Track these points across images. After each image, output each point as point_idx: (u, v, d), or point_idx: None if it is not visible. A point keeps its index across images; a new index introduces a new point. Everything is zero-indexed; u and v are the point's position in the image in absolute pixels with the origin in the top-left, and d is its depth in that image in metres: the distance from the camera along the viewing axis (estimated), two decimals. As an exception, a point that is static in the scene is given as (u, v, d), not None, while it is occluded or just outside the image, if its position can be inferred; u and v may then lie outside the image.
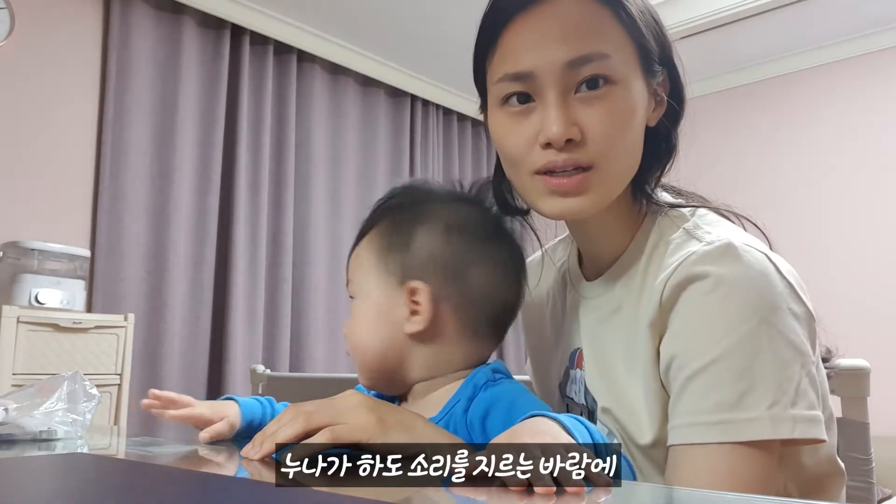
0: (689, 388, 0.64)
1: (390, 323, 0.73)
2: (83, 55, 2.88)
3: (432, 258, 0.73)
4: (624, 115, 0.70)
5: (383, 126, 3.97)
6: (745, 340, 0.63)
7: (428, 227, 0.74)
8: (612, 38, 0.70)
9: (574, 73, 0.68)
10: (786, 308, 0.65)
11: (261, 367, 2.20)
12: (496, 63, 0.73)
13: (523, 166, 0.72)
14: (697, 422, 0.63)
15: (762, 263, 0.66)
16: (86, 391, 0.84)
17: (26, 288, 2.41)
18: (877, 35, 3.54)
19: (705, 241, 0.68)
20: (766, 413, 0.61)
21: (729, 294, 0.64)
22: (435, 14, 3.40)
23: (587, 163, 0.69)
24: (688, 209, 0.76)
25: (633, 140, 0.73)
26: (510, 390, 0.69)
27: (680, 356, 0.66)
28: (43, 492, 0.51)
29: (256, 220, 3.29)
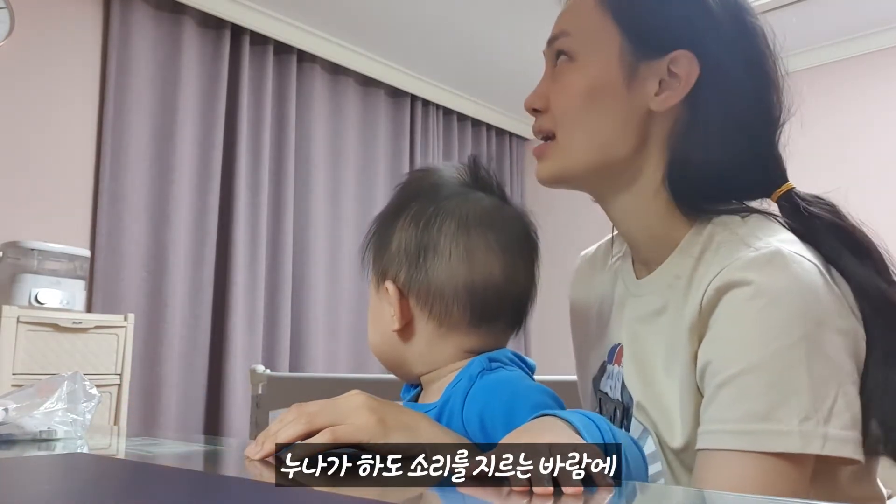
0: (720, 395, 0.63)
1: (383, 323, 0.75)
2: (83, 55, 2.88)
3: (399, 254, 0.74)
4: (579, 88, 0.74)
5: (383, 126, 3.97)
6: (783, 353, 0.62)
7: (400, 224, 0.75)
8: (582, 18, 0.76)
9: (552, 49, 0.78)
10: (831, 323, 0.63)
11: (261, 367, 2.19)
12: None
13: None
14: (726, 429, 0.62)
15: (811, 275, 0.64)
16: (86, 391, 0.84)
17: (26, 288, 2.41)
18: (877, 35, 3.54)
19: (753, 248, 0.66)
20: (797, 427, 0.60)
21: (770, 304, 0.63)
22: (435, 14, 3.40)
23: (548, 130, 0.77)
24: (741, 214, 0.73)
25: (594, 117, 0.74)
26: (508, 384, 0.67)
27: (714, 362, 0.65)
28: (43, 492, 0.51)
29: (256, 220, 3.28)
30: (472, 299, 0.71)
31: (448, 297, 0.71)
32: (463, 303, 0.71)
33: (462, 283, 0.70)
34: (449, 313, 0.71)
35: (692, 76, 0.72)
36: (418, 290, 0.72)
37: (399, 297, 0.72)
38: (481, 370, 0.68)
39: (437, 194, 0.75)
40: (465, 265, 0.71)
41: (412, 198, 0.76)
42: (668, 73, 0.72)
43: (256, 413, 2.15)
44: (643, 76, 0.73)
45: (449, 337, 0.72)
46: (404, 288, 0.72)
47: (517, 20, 3.41)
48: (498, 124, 4.65)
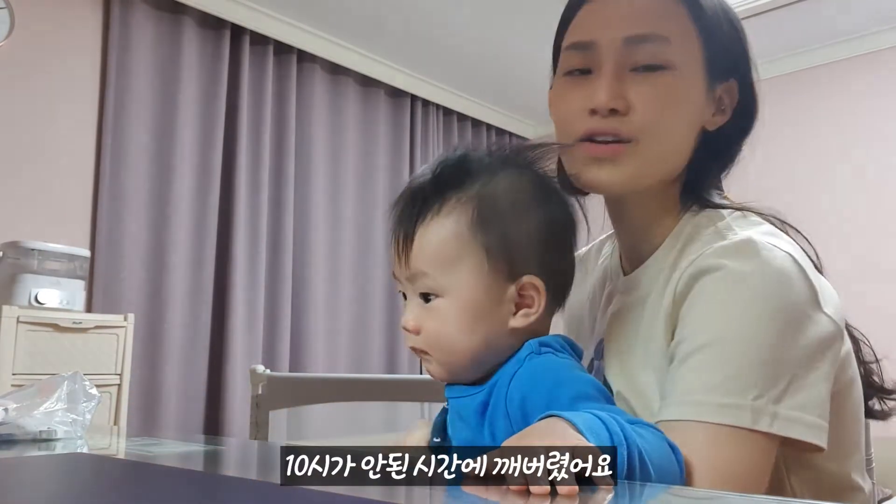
0: (680, 370, 0.65)
1: (491, 320, 0.67)
2: (83, 55, 2.88)
3: (533, 247, 0.67)
4: (672, 100, 0.72)
5: (383, 126, 3.97)
6: (744, 329, 0.63)
7: (517, 211, 0.67)
8: (676, 27, 0.73)
9: (632, 49, 0.72)
10: (801, 310, 0.64)
11: (261, 367, 2.19)
12: (568, 34, 0.78)
13: (570, 132, 0.74)
14: (681, 400, 0.63)
15: (782, 262, 0.65)
16: (85, 391, 0.84)
17: (26, 288, 2.41)
18: (877, 35, 3.54)
19: (728, 238, 0.68)
20: (748, 403, 0.61)
21: (736, 285, 0.64)
22: (435, 14, 3.40)
23: (627, 135, 0.72)
24: (727, 211, 0.75)
25: (679, 129, 0.74)
26: (553, 370, 0.64)
27: (681, 343, 0.66)
28: (43, 492, 0.51)
29: (256, 220, 3.29)
30: (569, 288, 0.72)
31: (567, 286, 0.71)
32: (566, 292, 0.72)
33: (573, 271, 0.72)
34: (562, 303, 0.71)
35: (733, 104, 0.78)
36: (554, 283, 0.68)
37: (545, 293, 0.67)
38: (529, 353, 0.66)
39: (531, 179, 0.69)
40: (573, 255, 0.72)
41: (508, 181, 0.67)
42: (720, 98, 0.77)
43: (256, 413, 2.15)
44: (713, 97, 0.76)
45: (545, 320, 0.69)
46: (545, 282, 0.67)
47: (517, 20, 3.41)
48: (498, 124, 4.65)
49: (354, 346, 3.68)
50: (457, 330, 0.66)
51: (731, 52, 0.77)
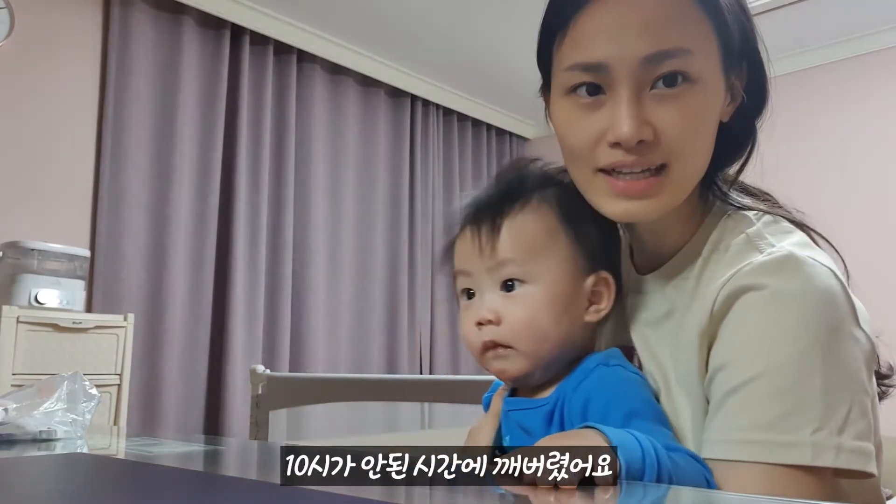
0: (728, 403, 0.61)
1: (573, 312, 0.68)
2: (83, 55, 2.88)
3: (601, 245, 0.71)
4: (700, 117, 0.65)
5: (383, 126, 3.97)
6: (796, 359, 0.59)
7: (587, 211, 0.70)
8: (695, 32, 0.64)
9: (651, 67, 0.63)
10: (847, 330, 0.61)
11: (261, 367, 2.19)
12: (566, 49, 0.68)
13: (587, 162, 0.67)
14: (732, 438, 0.59)
15: (826, 279, 0.61)
16: (85, 391, 0.84)
17: (26, 288, 2.41)
18: (877, 35, 3.54)
19: (766, 252, 0.64)
20: (808, 438, 0.57)
21: (783, 309, 0.60)
22: (435, 14, 3.40)
23: (659, 163, 0.65)
24: (754, 213, 0.71)
25: (707, 141, 0.68)
26: (617, 384, 0.65)
27: (723, 369, 0.62)
28: (43, 492, 0.51)
29: (256, 220, 3.29)
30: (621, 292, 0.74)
31: (620, 290, 0.72)
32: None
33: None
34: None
35: (742, 87, 0.71)
36: (616, 279, 0.71)
37: (613, 289, 0.70)
38: (597, 364, 0.66)
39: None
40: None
41: (572, 190, 0.71)
42: (733, 85, 0.70)
43: (256, 413, 2.16)
44: (727, 89, 0.70)
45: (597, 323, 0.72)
46: (613, 279, 0.71)
47: (518, 20, 3.40)
48: (498, 124, 4.65)
49: (354, 346, 3.68)
50: (547, 316, 0.66)
51: (742, 36, 0.69)
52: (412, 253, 4.01)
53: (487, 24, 3.49)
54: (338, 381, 2.24)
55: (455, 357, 4.16)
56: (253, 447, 0.74)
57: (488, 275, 0.68)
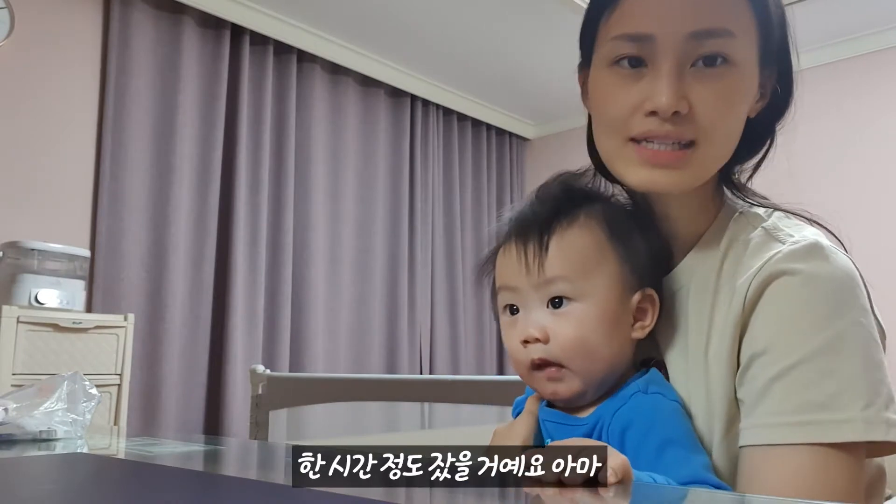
0: (774, 388, 0.62)
1: (622, 329, 0.68)
2: (83, 55, 2.88)
3: (645, 262, 0.70)
4: (734, 99, 0.68)
5: (383, 126, 3.97)
6: (836, 339, 0.61)
7: (630, 229, 0.71)
8: (739, 19, 0.67)
9: (695, 44, 0.66)
10: (872, 313, 0.64)
11: (261, 367, 2.19)
12: (614, 21, 0.69)
13: (620, 131, 0.69)
14: (783, 422, 0.60)
15: (849, 266, 0.65)
16: (85, 391, 0.84)
17: (26, 288, 2.41)
18: (876, 35, 3.54)
19: (789, 242, 0.66)
20: (859, 414, 0.59)
21: (819, 291, 0.62)
22: (435, 14, 3.40)
23: (688, 138, 0.67)
24: (763, 210, 0.74)
25: (736, 126, 0.70)
26: (655, 411, 0.65)
27: (764, 354, 0.63)
28: (43, 492, 0.51)
29: (256, 220, 3.29)
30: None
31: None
32: None
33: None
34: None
35: (770, 87, 0.73)
36: (659, 294, 0.71)
37: (658, 306, 0.70)
38: (636, 392, 0.66)
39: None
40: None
41: (617, 206, 0.73)
42: (763, 83, 0.72)
43: (256, 413, 2.16)
44: (759, 85, 0.72)
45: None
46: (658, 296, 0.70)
47: (518, 20, 3.41)
48: (498, 124, 4.65)
49: (354, 346, 3.68)
50: (598, 334, 0.66)
51: (779, 38, 0.72)
52: (412, 253, 4.01)
53: (487, 24, 3.49)
54: (338, 381, 2.24)
55: (455, 357, 4.16)
56: (253, 447, 0.74)
57: (535, 291, 0.67)
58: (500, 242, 0.72)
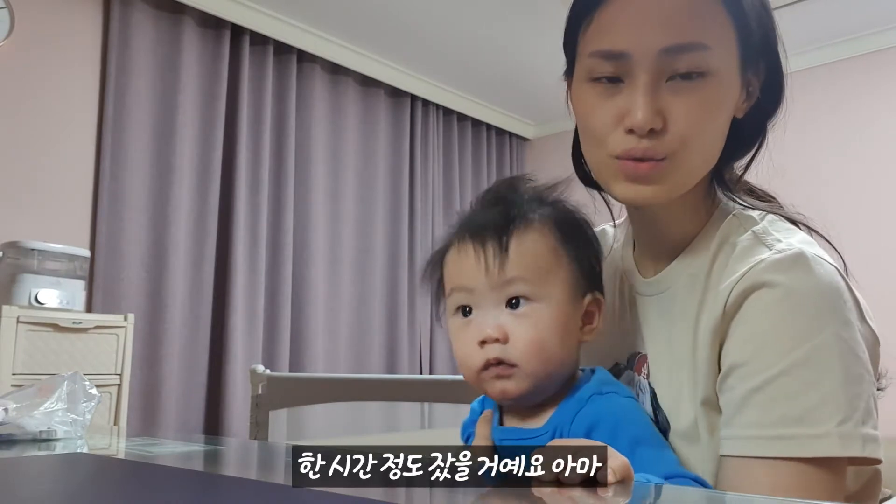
0: (754, 400, 0.62)
1: (572, 332, 0.69)
2: (83, 55, 2.88)
3: (593, 268, 0.72)
4: (711, 109, 0.68)
5: (383, 126, 3.97)
6: (815, 352, 0.61)
7: (583, 234, 0.72)
8: (714, 27, 0.67)
9: (669, 59, 0.66)
10: (855, 324, 0.63)
11: (261, 367, 2.19)
12: (591, 36, 0.70)
13: (604, 147, 0.70)
14: (760, 435, 0.61)
15: (833, 277, 0.64)
16: (85, 391, 0.84)
17: (26, 288, 2.41)
18: (877, 35, 3.54)
19: (776, 249, 0.65)
20: (835, 429, 0.59)
21: (799, 304, 0.62)
22: (435, 14, 3.40)
23: (664, 153, 0.67)
24: (758, 213, 0.73)
25: (716, 133, 0.70)
26: (618, 411, 0.66)
27: (743, 366, 0.63)
28: (43, 492, 0.51)
29: (256, 220, 3.28)
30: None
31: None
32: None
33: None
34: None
35: (760, 83, 0.74)
36: (603, 297, 0.72)
37: (603, 309, 0.72)
38: (592, 394, 0.66)
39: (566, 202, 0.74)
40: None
41: (567, 207, 0.73)
42: (749, 82, 0.73)
43: (256, 413, 2.15)
44: (743, 86, 0.72)
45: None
46: (603, 299, 0.72)
47: (517, 20, 3.41)
48: (498, 124, 4.65)
49: (354, 346, 3.68)
50: (554, 336, 0.67)
51: (762, 35, 0.72)
52: (412, 253, 4.01)
53: (487, 24, 3.49)
54: (338, 381, 2.24)
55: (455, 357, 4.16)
56: (253, 447, 0.74)
57: (493, 292, 0.67)
58: (449, 244, 0.71)
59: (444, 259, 0.72)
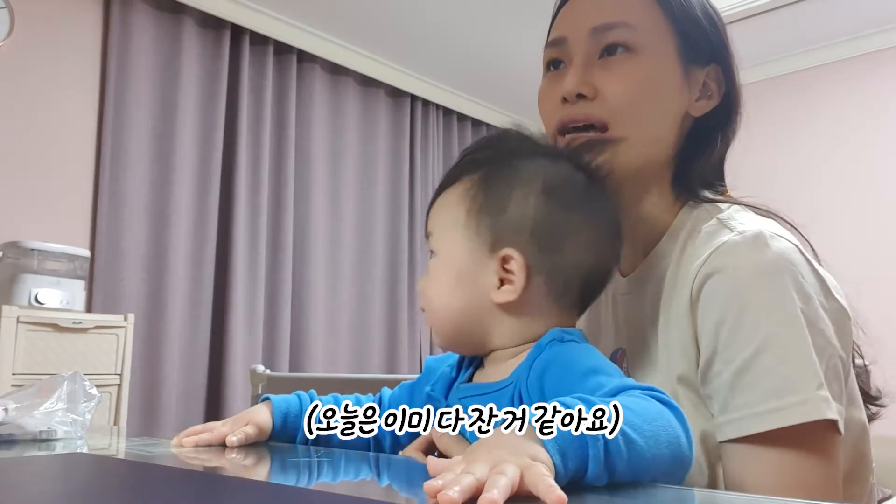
0: (741, 381, 0.65)
1: (475, 288, 0.67)
2: (83, 55, 2.88)
3: (529, 225, 0.66)
4: (642, 82, 0.74)
5: (383, 126, 3.97)
6: (784, 327, 0.64)
7: (525, 190, 0.67)
8: (640, 13, 0.76)
9: (599, 38, 0.76)
10: (817, 299, 0.67)
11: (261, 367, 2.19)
12: (548, 36, 0.82)
13: (550, 125, 0.78)
14: (751, 413, 0.63)
15: (791, 253, 0.67)
16: (86, 391, 0.84)
17: (26, 288, 2.41)
18: (877, 35, 3.53)
19: (737, 231, 0.69)
20: (814, 394, 0.62)
21: (762, 283, 0.65)
22: (435, 14, 3.40)
23: (599, 119, 0.74)
24: (725, 204, 0.77)
25: (657, 112, 0.76)
26: (572, 350, 0.63)
27: (725, 350, 0.66)
28: (43, 492, 0.51)
29: (256, 220, 3.29)
30: (589, 280, 0.70)
31: (572, 281, 0.68)
32: (580, 286, 0.69)
33: (587, 268, 0.68)
34: (567, 295, 0.68)
35: (721, 90, 0.80)
36: (549, 269, 0.66)
37: (526, 271, 0.65)
38: (551, 340, 0.64)
39: (550, 160, 0.69)
40: (594, 252, 0.69)
41: (523, 156, 0.69)
42: (704, 83, 0.79)
43: (256, 413, 2.15)
44: (691, 80, 0.78)
45: (553, 315, 0.68)
46: (532, 262, 0.66)
47: (517, 20, 3.41)
48: (498, 124, 4.63)
49: (354, 346, 3.68)
50: (440, 288, 0.69)
51: (708, 39, 0.79)
52: (412, 253, 4.01)
53: (487, 25, 3.49)
54: (338, 381, 2.24)
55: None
56: (253, 447, 0.74)
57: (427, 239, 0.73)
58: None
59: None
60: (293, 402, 0.79)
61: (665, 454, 0.50)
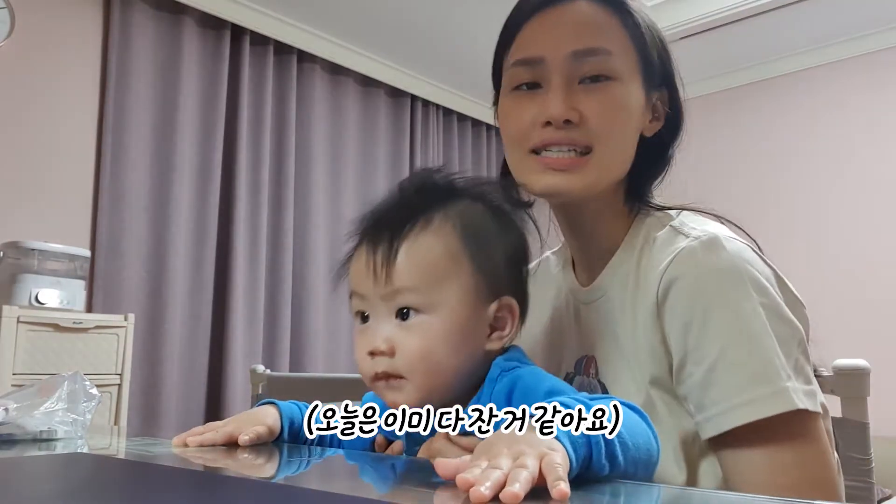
0: (712, 379, 0.67)
1: (473, 340, 0.67)
2: (83, 55, 2.88)
3: (509, 269, 0.70)
4: (620, 108, 0.77)
5: (383, 126, 3.97)
6: (747, 322, 0.67)
7: (496, 230, 0.70)
8: (616, 40, 0.78)
9: (579, 63, 0.76)
10: (773, 292, 0.70)
11: (261, 367, 2.19)
12: (513, 51, 0.82)
13: (522, 144, 0.78)
14: (727, 409, 0.65)
15: (745, 252, 0.71)
16: (86, 391, 0.84)
17: (26, 288, 2.41)
18: (877, 35, 3.53)
19: (692, 237, 0.72)
20: (785, 385, 0.64)
21: (720, 282, 0.69)
22: (435, 14, 3.40)
23: (584, 143, 0.75)
24: (674, 211, 0.81)
25: (627, 136, 0.78)
26: (526, 375, 0.65)
27: (694, 351, 0.68)
28: (43, 492, 0.51)
29: (256, 220, 3.28)
30: (527, 312, 0.74)
31: (526, 311, 0.72)
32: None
33: (528, 297, 0.74)
34: (521, 325, 0.72)
35: (666, 110, 0.83)
36: (523, 307, 0.71)
37: (517, 315, 0.70)
38: (500, 373, 0.66)
39: (495, 204, 0.73)
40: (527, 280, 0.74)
41: (488, 201, 0.72)
42: (656, 105, 0.83)
43: (256, 413, 2.15)
44: (649, 104, 0.82)
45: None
46: (518, 305, 0.70)
47: (517, 20, 3.40)
48: (498, 124, 4.64)
49: (354, 346, 3.68)
50: (444, 347, 0.64)
51: (662, 64, 0.82)
52: (412, 253, 4.00)
53: (487, 25, 3.48)
54: (338, 381, 2.24)
55: (455, 357, 4.16)
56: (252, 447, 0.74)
57: (383, 302, 0.65)
58: (355, 244, 0.70)
59: (351, 258, 0.71)
60: (294, 407, 0.81)
61: (644, 457, 0.54)
